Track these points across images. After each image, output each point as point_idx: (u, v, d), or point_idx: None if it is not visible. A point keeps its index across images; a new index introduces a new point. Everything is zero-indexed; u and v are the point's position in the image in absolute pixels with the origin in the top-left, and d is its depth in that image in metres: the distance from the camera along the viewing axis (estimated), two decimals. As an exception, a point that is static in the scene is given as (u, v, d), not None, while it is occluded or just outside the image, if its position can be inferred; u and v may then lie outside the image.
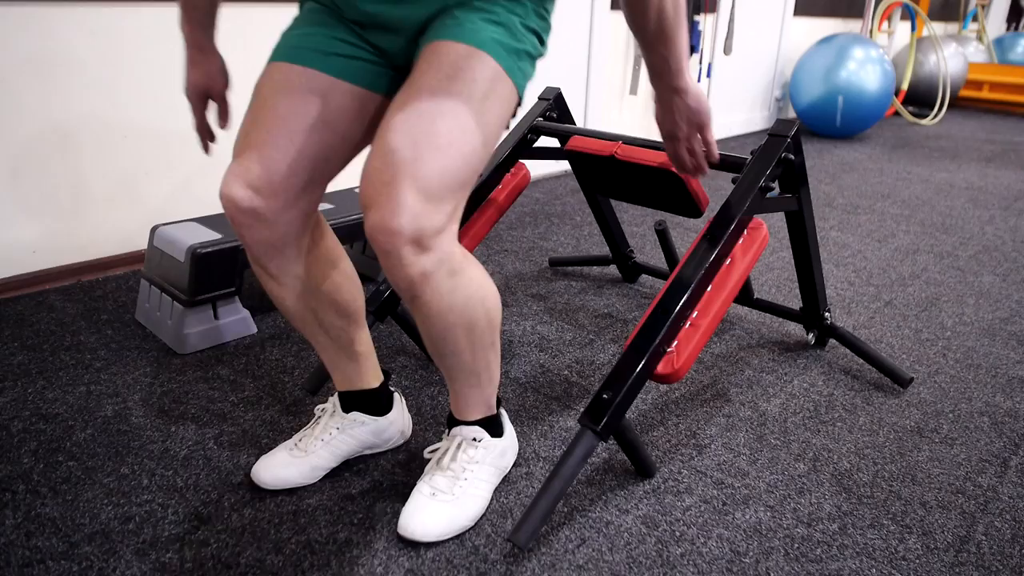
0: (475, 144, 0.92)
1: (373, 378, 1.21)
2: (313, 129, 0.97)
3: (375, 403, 1.22)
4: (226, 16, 2.04)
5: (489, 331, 1.04)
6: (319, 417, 1.22)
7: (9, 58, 1.72)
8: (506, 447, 1.19)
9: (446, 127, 0.89)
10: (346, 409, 1.21)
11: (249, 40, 2.11)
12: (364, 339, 1.18)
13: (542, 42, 1.04)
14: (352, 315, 1.14)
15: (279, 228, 1.00)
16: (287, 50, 0.99)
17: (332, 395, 1.36)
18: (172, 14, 1.94)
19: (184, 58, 1.95)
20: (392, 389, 1.27)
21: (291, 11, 2.16)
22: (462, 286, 0.96)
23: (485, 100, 0.93)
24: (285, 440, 1.29)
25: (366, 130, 1.04)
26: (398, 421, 1.26)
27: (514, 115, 1.06)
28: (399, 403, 1.27)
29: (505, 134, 1.85)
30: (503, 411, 1.22)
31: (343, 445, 1.20)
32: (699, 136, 1.10)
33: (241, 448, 1.26)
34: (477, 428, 1.14)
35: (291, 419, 1.35)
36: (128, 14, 1.87)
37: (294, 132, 0.96)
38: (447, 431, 1.17)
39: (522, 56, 0.99)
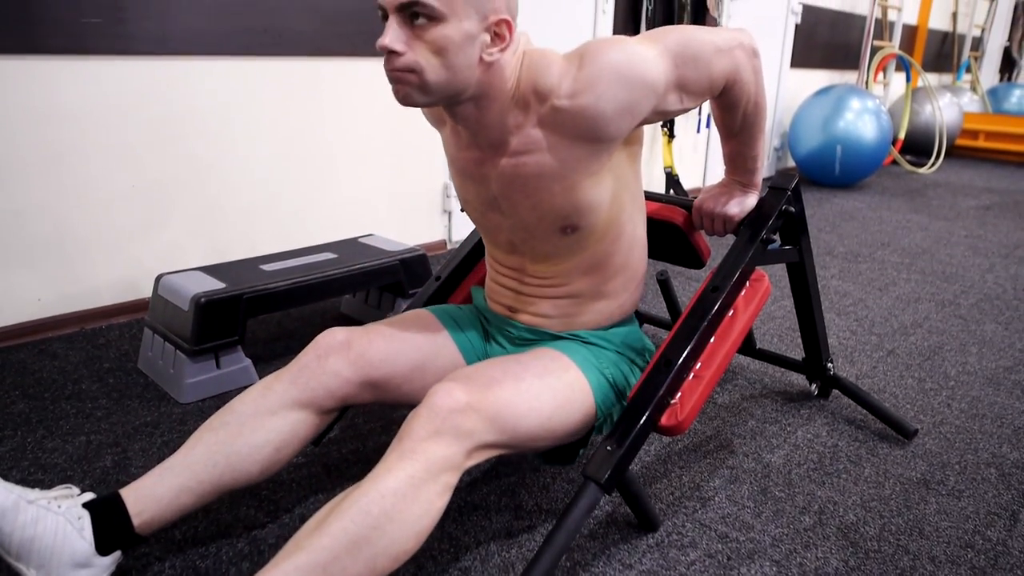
0: (540, 417, 1.03)
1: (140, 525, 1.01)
2: (411, 359, 1.17)
3: (114, 534, 0.99)
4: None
5: (381, 569, 0.89)
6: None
7: (15, 109, 1.76)
8: None
9: (524, 387, 1.02)
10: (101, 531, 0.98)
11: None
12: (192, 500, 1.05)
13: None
14: (225, 482, 1.06)
15: (324, 379, 1.11)
16: (438, 309, 1.28)
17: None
18: (179, 68, 1.99)
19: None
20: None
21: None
22: (426, 501, 0.91)
23: (568, 399, 1.07)
24: (285, 495, 1.28)
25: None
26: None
27: (586, 442, 1.18)
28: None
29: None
30: None
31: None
32: (724, 218, 1.33)
33: (241, 500, 1.25)
34: None
35: (292, 470, 1.34)
36: (133, 68, 1.92)
37: (401, 347, 1.17)
38: None
39: (609, 385, 1.15)
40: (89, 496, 1.00)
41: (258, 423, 1.07)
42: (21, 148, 1.78)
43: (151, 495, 1.01)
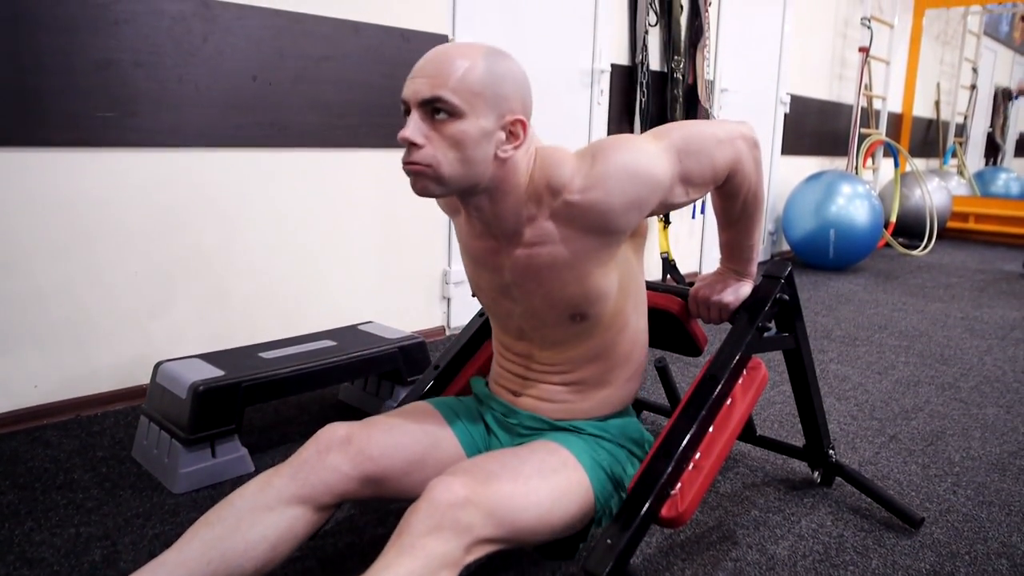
0: (539, 511, 1.03)
1: None
2: (410, 453, 1.17)
3: None
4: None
5: None
6: None
7: (22, 199, 1.80)
8: None
9: (523, 481, 1.02)
10: None
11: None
12: None
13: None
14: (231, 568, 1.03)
15: (324, 475, 1.10)
16: (438, 402, 1.29)
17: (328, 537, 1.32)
18: (187, 159, 2.05)
19: None
20: None
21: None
22: None
23: (566, 493, 1.07)
24: (278, 588, 1.25)
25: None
26: None
27: (586, 536, 1.16)
28: None
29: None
30: None
31: None
32: (719, 306, 1.35)
33: (232, 597, 1.21)
34: None
35: (287, 564, 1.31)
36: (142, 158, 1.97)
37: (401, 441, 1.17)
38: None
39: (607, 478, 1.16)
40: None
41: (255, 519, 1.06)
42: (26, 236, 1.81)
43: None
